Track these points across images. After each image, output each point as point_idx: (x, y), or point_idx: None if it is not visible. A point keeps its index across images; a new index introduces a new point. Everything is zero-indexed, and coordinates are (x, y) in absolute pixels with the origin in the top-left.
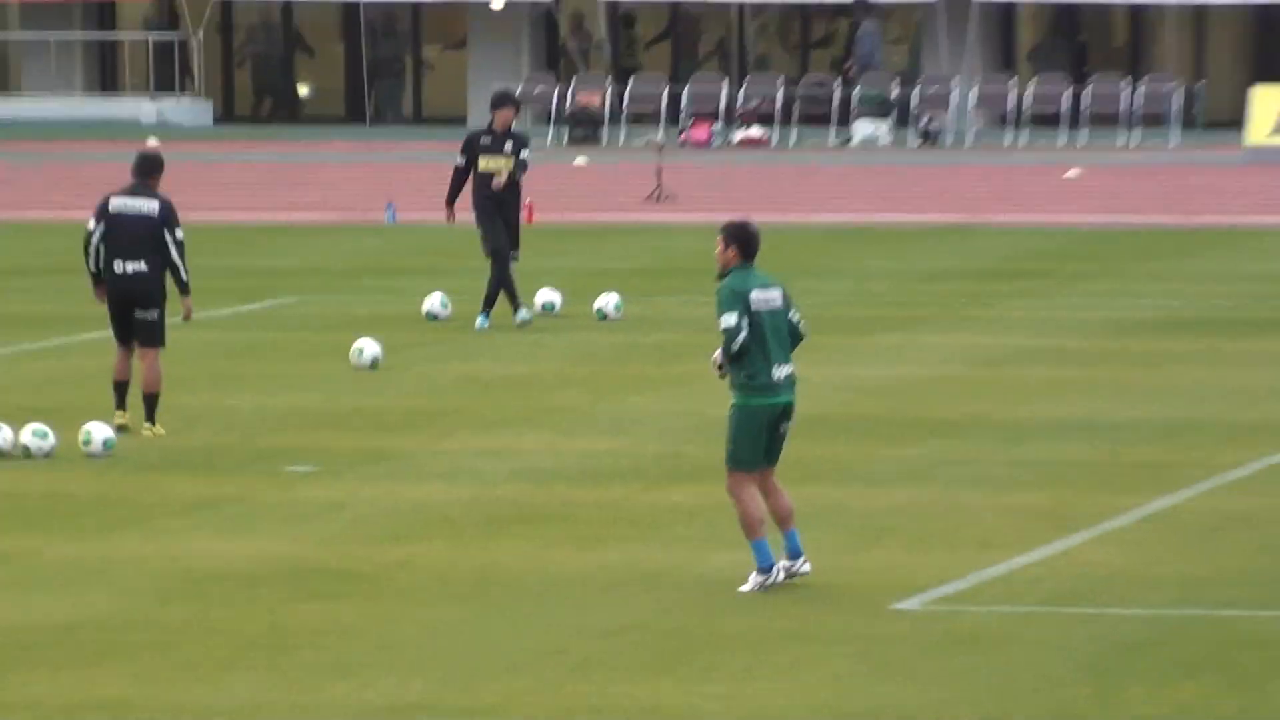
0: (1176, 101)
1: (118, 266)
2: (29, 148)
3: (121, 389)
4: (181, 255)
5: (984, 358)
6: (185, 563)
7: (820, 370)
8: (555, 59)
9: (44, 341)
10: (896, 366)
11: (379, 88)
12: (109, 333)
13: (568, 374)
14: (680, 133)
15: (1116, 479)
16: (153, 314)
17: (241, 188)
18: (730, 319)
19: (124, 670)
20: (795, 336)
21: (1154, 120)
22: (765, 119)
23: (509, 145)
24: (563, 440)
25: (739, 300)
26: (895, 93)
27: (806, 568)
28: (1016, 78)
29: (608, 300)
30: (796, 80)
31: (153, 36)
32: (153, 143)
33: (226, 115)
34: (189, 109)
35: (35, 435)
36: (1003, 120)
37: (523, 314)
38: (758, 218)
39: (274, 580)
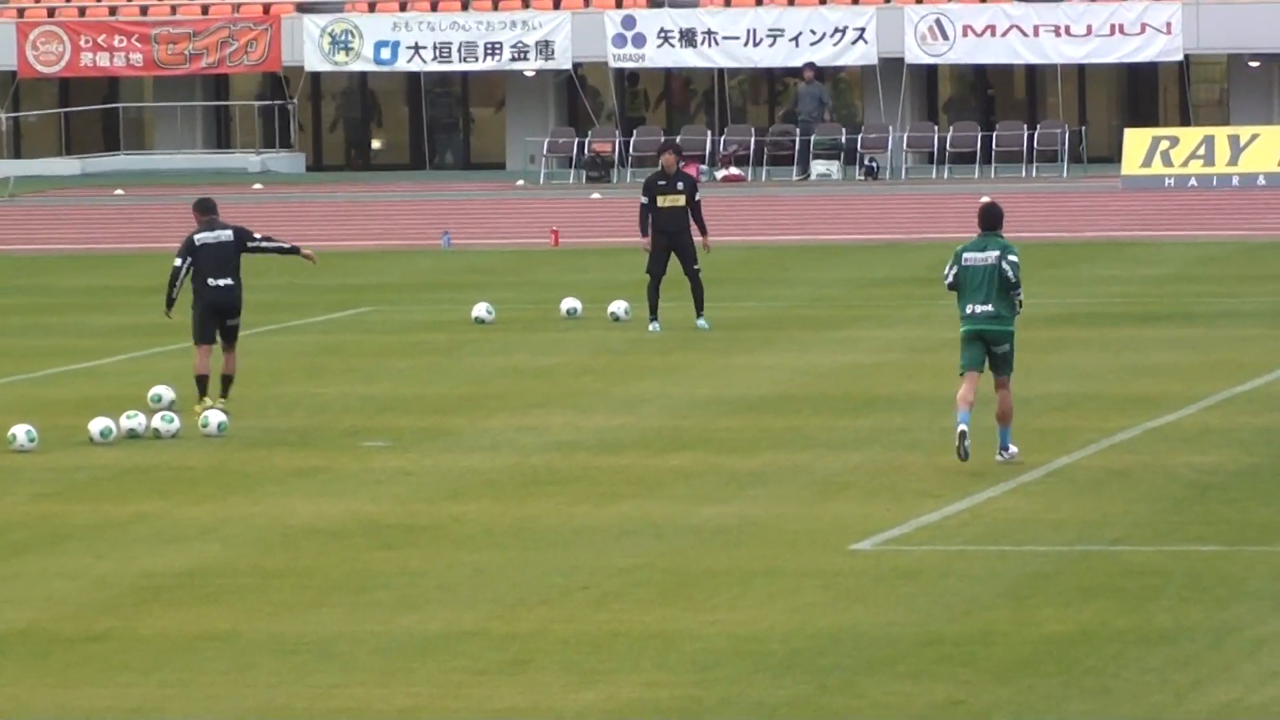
0: (1065, 141)
1: (210, 282)
2: (160, 193)
3: (205, 381)
4: (269, 239)
5: (917, 347)
6: (283, 521)
7: (787, 358)
8: (575, 115)
9: (170, 345)
10: (847, 355)
11: (436, 140)
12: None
13: (587, 364)
14: None
15: (1026, 442)
16: (237, 320)
17: (328, 221)
18: (945, 268)
19: (234, 608)
20: (1005, 283)
21: (1048, 156)
22: (741, 160)
23: (681, 184)
24: (583, 418)
25: (954, 255)
26: (844, 138)
27: (1002, 458)
28: (939, 124)
29: (619, 305)
30: (766, 130)
31: (258, 104)
32: (257, 186)
33: (316, 164)
34: (287, 160)
35: (164, 420)
36: (930, 158)
37: (654, 325)
38: (736, 239)
39: (353, 534)
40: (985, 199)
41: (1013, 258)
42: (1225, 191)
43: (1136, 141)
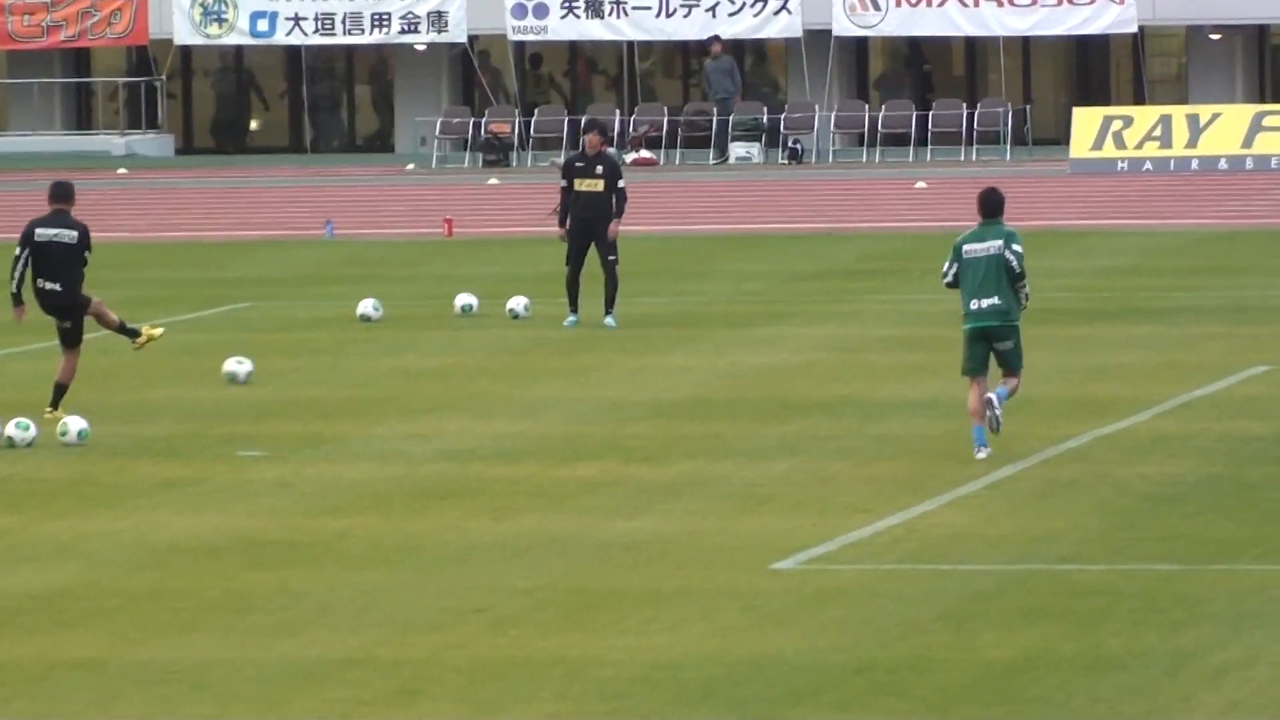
0: (1008, 122)
1: (39, 282)
2: (15, 178)
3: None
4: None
5: (847, 346)
6: (151, 537)
7: (704, 359)
8: (470, 94)
9: (25, 346)
10: (771, 355)
11: (318, 120)
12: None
13: (484, 366)
14: None
15: (965, 451)
16: (69, 323)
17: (199, 209)
18: (945, 265)
19: (97, 633)
20: (1010, 274)
21: (989, 138)
22: (654, 143)
23: (600, 168)
24: (480, 423)
25: (953, 250)
26: (766, 118)
27: (997, 409)
28: (869, 103)
29: (519, 301)
30: (680, 109)
31: (123, 81)
32: (122, 171)
33: (187, 147)
34: (154, 142)
35: (18, 427)
36: (859, 140)
37: (571, 319)
38: (648, 229)
39: (229, 551)
40: (987, 187)
41: (1016, 247)
42: (1183, 176)
43: (1086, 122)
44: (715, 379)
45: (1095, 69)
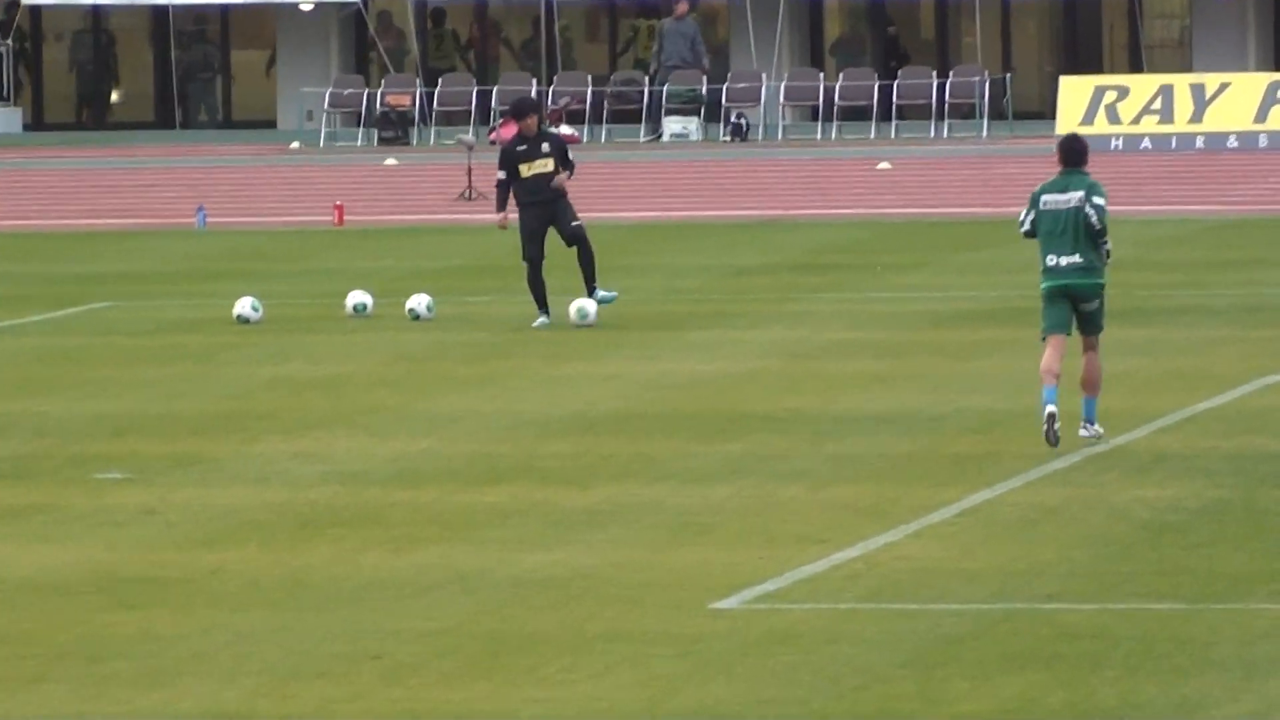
0: (985, 93)
1: None
2: None
3: None
4: None
5: (799, 352)
6: None
7: (634, 367)
8: (364, 61)
9: None
10: (711, 362)
11: (189, 92)
12: None
13: (380, 374)
14: (490, 132)
15: (935, 472)
16: None
17: (52, 194)
18: (1021, 213)
19: None
20: (1091, 230)
21: (963, 112)
22: (575, 117)
23: (545, 146)
24: (375, 442)
25: (1030, 199)
26: (705, 89)
27: (1086, 433)
28: (825, 72)
29: (419, 300)
30: (606, 78)
31: None
32: None
33: (38, 122)
34: (1, 116)
35: None
36: (813, 114)
37: (541, 320)
38: None
39: (85, 589)
40: (1068, 134)
41: (1099, 200)
42: (1187, 156)
43: (1075, 93)
44: (646, 390)
45: (1085, 32)
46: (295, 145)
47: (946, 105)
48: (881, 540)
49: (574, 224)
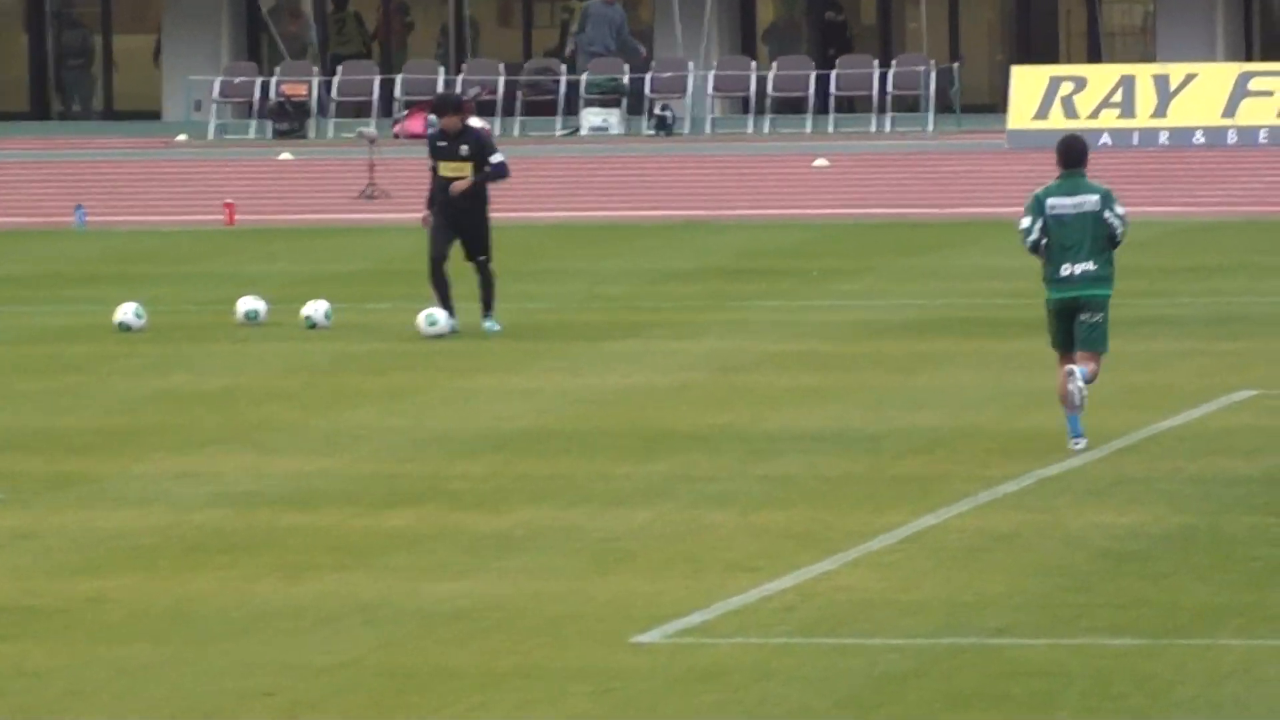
0: (931, 84)
1: None
2: None
3: None
4: None
5: (729, 364)
6: None
7: (551, 380)
8: (257, 47)
9: None
10: (633, 375)
11: (66, 79)
12: None
13: (274, 388)
14: (394, 124)
15: (876, 495)
16: None
17: None
18: (1024, 221)
19: None
20: (1111, 240)
21: (907, 104)
22: (486, 109)
23: (465, 148)
24: (268, 460)
25: (1033, 203)
26: (628, 78)
27: (1078, 445)
28: (757, 60)
29: (317, 308)
30: (519, 66)
31: None
32: None
33: None
34: None
35: None
36: (744, 106)
37: (452, 322)
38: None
39: None
40: (1068, 134)
41: (1120, 210)
42: (1150, 152)
43: (1028, 84)
44: (564, 405)
45: (1039, 18)
46: (182, 138)
47: (889, 97)
48: (817, 569)
49: (481, 258)
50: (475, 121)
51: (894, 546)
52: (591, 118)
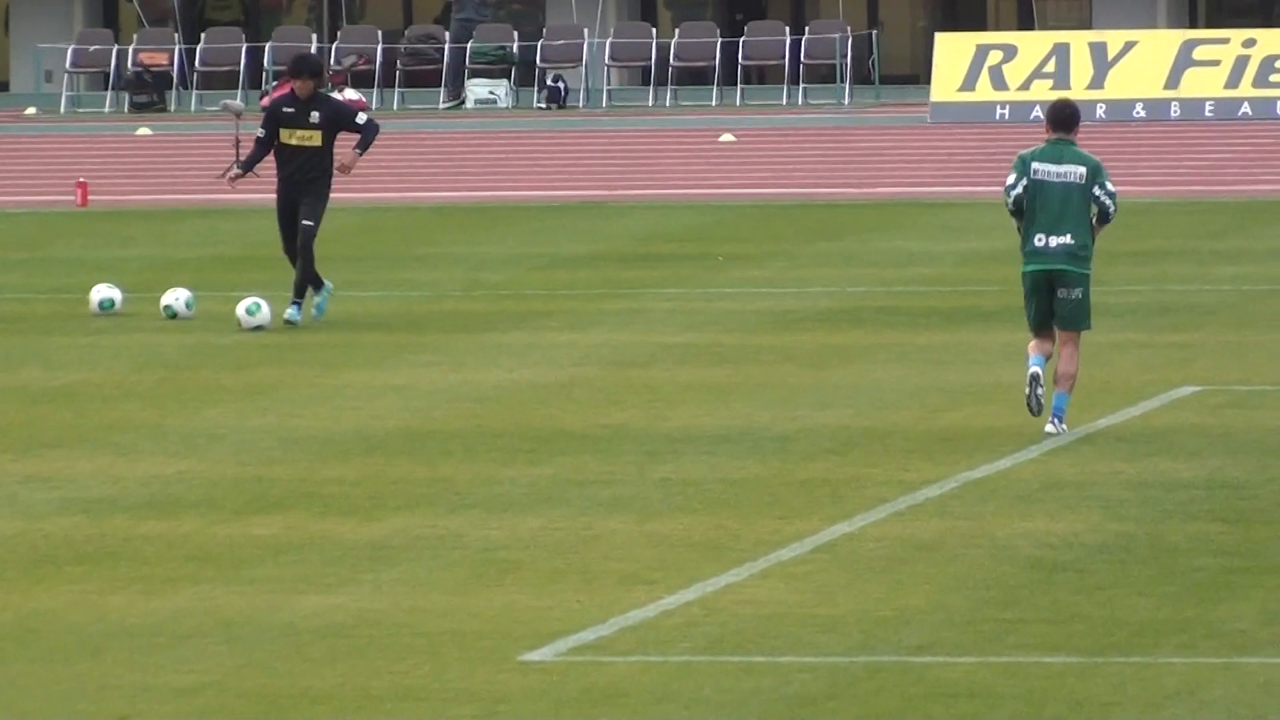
0: (847, 53)
1: None
2: None
3: None
4: None
5: (625, 358)
6: None
7: (429, 375)
8: (113, 12)
9: None
10: (520, 370)
11: None
12: None
13: (130, 384)
14: (262, 97)
15: (785, 500)
16: None
17: None
18: (1009, 178)
19: None
20: (1101, 215)
21: (821, 75)
22: (363, 79)
23: (316, 115)
24: (123, 463)
25: (1019, 163)
26: (516, 46)
27: (1052, 429)
28: (657, 28)
29: (177, 296)
30: (399, 34)
31: None
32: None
33: None
34: None
35: None
36: (644, 77)
37: (290, 312)
38: (353, 195)
39: None
40: (1058, 99)
41: (1111, 187)
42: (1086, 127)
43: (953, 53)
44: (444, 403)
45: None
46: (31, 111)
47: (802, 67)
48: (721, 581)
49: (305, 222)
50: (351, 94)
51: (805, 556)
52: (477, 89)
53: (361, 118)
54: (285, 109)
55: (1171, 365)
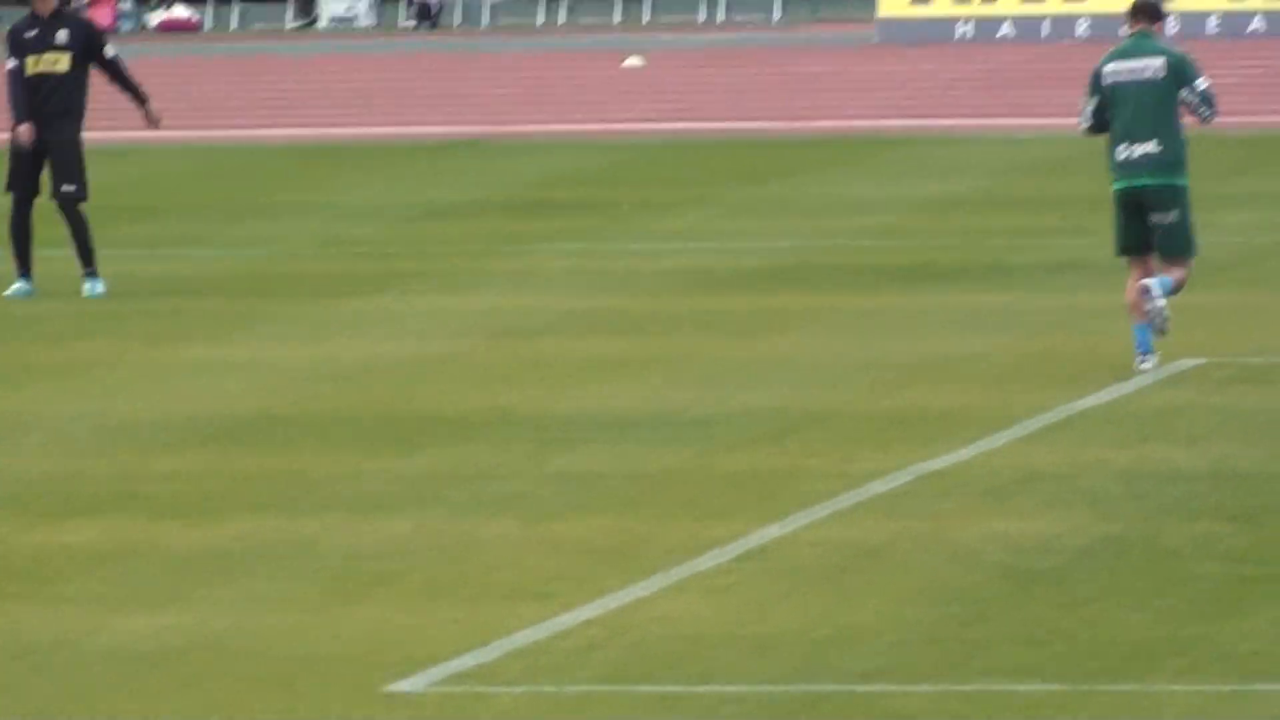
0: None
1: None
2: None
3: None
4: None
5: (511, 327)
6: None
7: (277, 351)
8: None
9: None
10: (386, 341)
11: None
12: None
13: None
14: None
15: (706, 498)
16: None
17: None
18: (1081, 101)
19: None
20: (1198, 110)
21: None
22: None
23: (64, 35)
24: None
25: (1091, 78)
26: None
27: (1144, 365)
28: None
29: None
30: None
31: None
32: None
33: None
34: None
35: None
36: None
37: (20, 285)
38: (186, 132)
39: None
40: None
41: (1201, 84)
42: (1060, 46)
43: None
44: (294, 382)
45: None
46: None
47: None
48: (629, 595)
49: (67, 188)
50: (182, 10)
51: (730, 565)
52: (333, 5)
53: (111, 51)
54: (27, 33)
55: (1170, 333)
